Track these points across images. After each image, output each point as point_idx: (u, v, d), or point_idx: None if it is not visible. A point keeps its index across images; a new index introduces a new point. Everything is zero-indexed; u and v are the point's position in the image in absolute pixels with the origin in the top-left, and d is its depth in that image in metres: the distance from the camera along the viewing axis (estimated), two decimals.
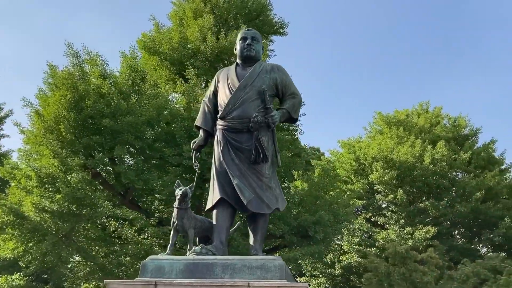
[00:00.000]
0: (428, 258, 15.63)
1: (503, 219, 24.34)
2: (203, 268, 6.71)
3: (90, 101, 13.39)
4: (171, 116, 14.10)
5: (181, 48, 17.65)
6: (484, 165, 29.09)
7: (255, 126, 7.81)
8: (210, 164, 13.40)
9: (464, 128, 31.86)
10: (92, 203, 12.64)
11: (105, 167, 13.48)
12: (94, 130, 13.74)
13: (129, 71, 14.86)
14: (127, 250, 13.22)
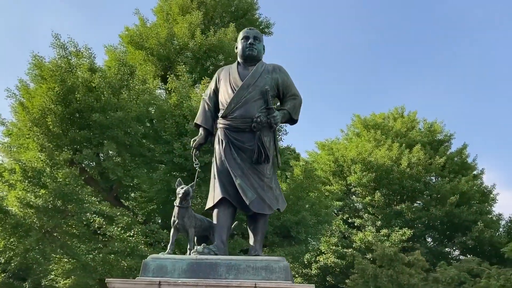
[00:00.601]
0: (415, 260, 15.95)
1: (476, 223, 25.02)
2: (206, 268, 6.67)
3: (79, 95, 13.06)
4: (160, 113, 13.91)
5: (168, 43, 17.45)
6: (457, 170, 29.84)
7: (258, 126, 7.80)
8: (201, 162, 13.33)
9: (439, 133, 32.61)
10: (78, 199, 12.35)
11: (91, 163, 13.16)
12: (82, 124, 13.42)
13: (118, 65, 14.58)
14: (113, 247, 12.98)
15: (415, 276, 14.77)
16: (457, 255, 27.17)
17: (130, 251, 12.81)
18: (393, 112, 34.68)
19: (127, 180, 13.40)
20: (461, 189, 26.55)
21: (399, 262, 15.60)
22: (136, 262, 12.91)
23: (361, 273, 15.91)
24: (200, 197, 13.52)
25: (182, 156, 13.10)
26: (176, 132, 13.55)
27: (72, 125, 13.43)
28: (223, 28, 18.58)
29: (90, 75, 13.62)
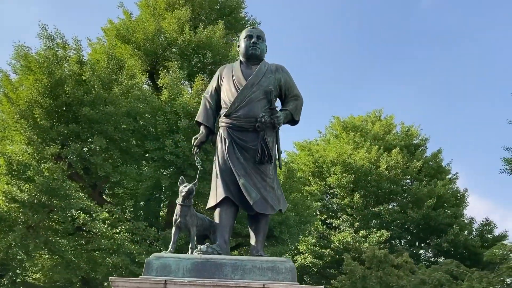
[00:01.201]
0: (403, 262, 16.21)
1: (452, 227, 25.61)
2: (211, 267, 6.60)
3: (69, 87, 12.70)
4: (151, 109, 13.67)
5: (156, 39, 17.19)
6: (433, 173, 30.50)
7: (262, 126, 7.78)
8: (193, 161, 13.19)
9: (416, 137, 33.25)
10: (65, 194, 12.00)
11: (79, 158, 12.82)
12: (70, 118, 13.07)
13: (107, 59, 14.26)
14: (99, 244, 12.69)
15: (404, 278, 15.03)
16: (429, 257, 27.75)
17: (116, 248, 12.55)
18: (371, 115, 35.18)
19: (115, 176, 13.13)
20: (437, 192, 27.13)
21: (388, 264, 15.84)
22: (122, 260, 12.67)
23: (349, 274, 16.09)
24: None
25: (173, 153, 12.92)
26: (167, 129, 13.35)
27: (59, 118, 13.06)
28: (211, 26, 18.44)
29: (78, 68, 13.26)
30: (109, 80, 13.40)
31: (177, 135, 12.97)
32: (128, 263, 12.80)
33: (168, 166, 13.51)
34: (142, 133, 13.68)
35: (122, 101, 12.97)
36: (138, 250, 12.61)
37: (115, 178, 13.11)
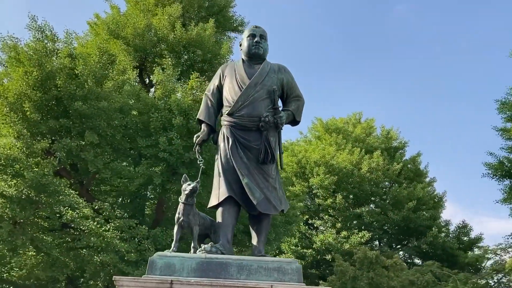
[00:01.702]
0: (394, 264, 16.43)
1: (431, 229, 26.08)
2: (217, 267, 6.55)
3: (61, 81, 12.38)
4: (144, 105, 13.47)
5: (146, 34, 16.95)
6: (412, 176, 30.99)
7: (265, 126, 7.76)
8: (186, 159, 13.08)
9: (395, 140, 33.75)
10: (54, 190, 11.71)
11: (69, 153, 12.50)
12: (61, 112, 12.75)
13: (99, 53, 13.97)
14: (88, 242, 12.43)
15: (394, 279, 15.26)
16: (406, 258, 28.22)
17: (105, 246, 12.31)
18: (352, 117, 35.54)
19: (106, 173, 12.89)
20: (417, 195, 27.58)
21: (380, 265, 16.05)
22: (111, 258, 12.45)
23: (340, 274, 16.22)
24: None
25: (166, 151, 12.76)
26: (160, 126, 13.18)
27: (49, 112, 12.73)
28: (201, 23, 18.31)
29: (69, 62, 12.95)
30: (100, 75, 13.13)
31: (170, 133, 12.82)
32: (117, 261, 12.59)
33: (160, 164, 13.33)
34: (134, 130, 13.46)
35: (115, 97, 12.73)
36: (127, 248, 12.42)
37: (106, 174, 12.87)
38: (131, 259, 12.56)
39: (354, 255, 17.39)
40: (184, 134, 13.02)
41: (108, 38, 16.20)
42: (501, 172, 18.47)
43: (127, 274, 12.48)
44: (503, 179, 18.84)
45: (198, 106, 13.58)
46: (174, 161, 12.82)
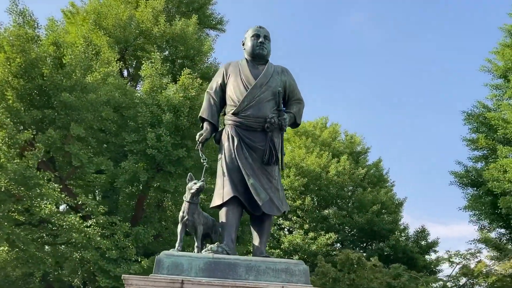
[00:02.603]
0: (373, 266, 16.76)
1: (393, 232, 26.85)
2: (225, 267, 6.54)
3: (47, 70, 11.86)
4: (130, 99, 13.11)
5: (128, 27, 16.52)
6: (375, 181, 31.81)
7: (271, 127, 7.81)
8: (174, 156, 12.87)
9: (358, 145, 34.60)
10: (36, 183, 11.18)
11: (53, 145, 11.99)
12: (44, 102, 12.20)
13: (85, 43, 13.47)
14: (69, 238, 11.98)
15: (374, 281, 15.62)
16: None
17: (86, 242, 11.89)
18: (319, 121, 36.14)
19: (90, 168, 12.48)
20: (381, 199, 28.33)
21: (361, 267, 16.36)
22: (93, 255, 12.06)
23: (321, 275, 16.42)
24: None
25: (154, 147, 12.49)
26: (148, 122, 12.88)
27: (32, 102, 12.17)
28: (183, 19, 18.05)
29: (54, 50, 12.42)
30: (86, 66, 12.66)
31: (159, 129, 12.56)
32: (98, 259, 12.22)
33: (146, 160, 13.05)
34: (119, 125, 13.10)
35: (103, 89, 12.34)
36: (108, 245, 12.06)
37: (90, 169, 12.47)
38: (113, 256, 12.24)
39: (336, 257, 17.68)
40: (172, 131, 12.81)
41: (93, 28, 15.66)
42: (466, 181, 19.28)
43: (108, 271, 12.19)
44: (467, 187, 19.69)
45: (189, 104, 13.51)
46: (162, 158, 12.59)
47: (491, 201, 18.06)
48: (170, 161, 12.75)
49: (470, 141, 19.78)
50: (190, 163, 13.11)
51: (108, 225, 12.48)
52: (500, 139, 17.89)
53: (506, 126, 16.62)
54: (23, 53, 11.73)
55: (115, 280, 12.29)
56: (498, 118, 17.21)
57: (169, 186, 13.05)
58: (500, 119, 17.20)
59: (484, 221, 20.21)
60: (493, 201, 18.05)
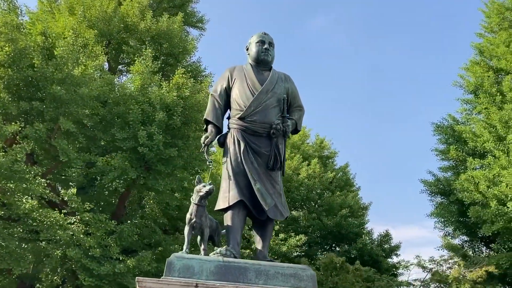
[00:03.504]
0: (354, 270, 17.12)
1: (360, 236, 27.57)
2: (235, 271, 6.68)
3: (38, 61, 11.47)
4: (121, 95, 12.87)
5: (114, 20, 16.18)
6: (342, 185, 32.53)
7: (276, 133, 8.01)
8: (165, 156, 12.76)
9: (327, 149, 35.27)
10: (21, 177, 10.78)
11: (38, 139, 11.59)
12: (32, 94, 11.79)
13: (74, 35, 13.10)
14: (52, 235, 11.63)
15: (356, 284, 15.99)
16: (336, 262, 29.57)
17: (69, 239, 11.59)
18: None
19: (78, 164, 12.18)
20: (348, 203, 29.02)
21: (344, 270, 16.69)
22: (76, 253, 11.79)
23: None
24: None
25: (145, 145, 12.32)
26: (139, 120, 12.68)
27: (18, 93, 11.73)
28: (167, 15, 17.86)
29: (43, 41, 12.00)
30: (75, 59, 12.32)
31: (150, 127, 12.41)
32: (81, 257, 11.94)
33: (135, 158, 12.88)
34: (108, 120, 12.85)
35: (94, 84, 12.06)
36: (92, 243, 11.81)
37: (78, 165, 12.19)
38: (96, 255, 12.01)
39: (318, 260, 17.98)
40: (163, 130, 12.70)
41: (82, 20, 15.23)
42: (436, 189, 20.11)
43: (91, 270, 11.95)
44: (436, 196, 20.54)
45: (182, 103, 13.44)
46: (152, 157, 12.47)
47: (458, 209, 18.91)
48: (160, 159, 12.67)
49: (440, 152, 20.61)
50: (180, 162, 13.09)
51: (93, 222, 12.24)
52: (469, 151, 18.77)
53: (476, 139, 17.47)
54: (11, 41, 11.32)
55: (99, 279, 12.09)
56: (469, 132, 18.07)
57: (158, 184, 12.95)
58: (470, 132, 18.06)
59: (449, 227, 21.13)
60: (460, 210, 18.92)
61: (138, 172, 12.61)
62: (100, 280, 12.12)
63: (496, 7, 22.95)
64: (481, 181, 15.99)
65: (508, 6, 22.37)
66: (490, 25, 23.38)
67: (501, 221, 14.74)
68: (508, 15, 22.19)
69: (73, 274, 12.81)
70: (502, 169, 15.14)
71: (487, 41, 22.45)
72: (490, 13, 23.47)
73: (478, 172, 16.51)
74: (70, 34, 12.94)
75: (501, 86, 18.54)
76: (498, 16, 22.72)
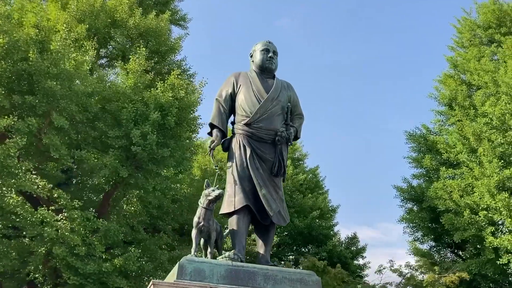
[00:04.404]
0: (336, 273, 17.43)
1: (329, 238, 28.15)
2: (244, 275, 6.89)
3: (33, 55, 11.12)
4: (114, 93, 12.65)
5: (102, 14, 15.86)
6: (313, 187, 33.10)
7: (281, 140, 8.28)
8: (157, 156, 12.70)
9: (298, 151, 35.80)
10: (11, 172, 10.46)
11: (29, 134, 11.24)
12: (23, 87, 11.43)
13: (67, 29, 12.77)
14: (39, 232, 11.32)
15: (337, 287, 16.33)
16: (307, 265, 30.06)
17: (56, 237, 11.32)
18: None
19: (68, 161, 11.90)
20: (319, 205, 29.57)
21: (326, 274, 17.00)
22: (63, 251, 11.54)
23: None
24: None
25: (138, 144, 12.18)
26: (132, 118, 12.52)
27: (10, 86, 11.35)
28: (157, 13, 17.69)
29: (36, 34, 11.64)
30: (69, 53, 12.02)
31: (144, 126, 12.28)
32: (66, 254, 11.71)
33: (126, 156, 12.72)
34: (99, 117, 12.61)
35: (91, 80, 11.84)
36: (77, 241, 11.59)
37: (68, 162, 11.93)
38: (82, 253, 11.81)
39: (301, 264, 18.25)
40: (156, 129, 12.61)
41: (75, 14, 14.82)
42: (408, 196, 20.85)
43: (76, 268, 11.74)
44: (408, 202, 21.28)
45: (178, 104, 13.41)
46: (145, 156, 12.38)
47: (429, 216, 19.68)
48: (151, 159, 12.60)
49: (413, 160, 21.38)
50: (172, 163, 13.08)
51: (80, 220, 12.01)
52: (442, 161, 19.55)
53: (450, 150, 18.23)
54: (5, 33, 10.94)
55: (83, 278, 11.90)
56: (443, 142, 18.84)
57: (147, 184, 12.88)
58: (444, 143, 18.83)
59: (418, 233, 21.92)
60: (431, 217, 19.69)
61: (129, 171, 12.50)
62: (84, 278, 11.95)
63: (469, 24, 23.98)
64: (454, 190, 16.73)
65: (479, 24, 23.42)
66: (461, 40, 24.40)
67: (473, 229, 15.50)
68: (479, 32, 23.23)
69: (54, 272, 12.56)
70: (476, 180, 15.89)
71: (458, 54, 23.43)
72: (462, 29, 24.50)
73: (452, 181, 17.25)
74: (63, 28, 12.66)
75: (472, 100, 19.39)
76: (469, 32, 23.75)
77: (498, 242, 14.17)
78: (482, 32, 22.71)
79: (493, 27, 22.34)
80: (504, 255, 14.58)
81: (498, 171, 15.22)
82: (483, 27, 22.75)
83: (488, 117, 17.24)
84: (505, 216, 14.47)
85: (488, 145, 16.03)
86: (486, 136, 16.74)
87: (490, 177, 15.19)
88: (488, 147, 16.06)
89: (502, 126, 16.72)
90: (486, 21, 22.63)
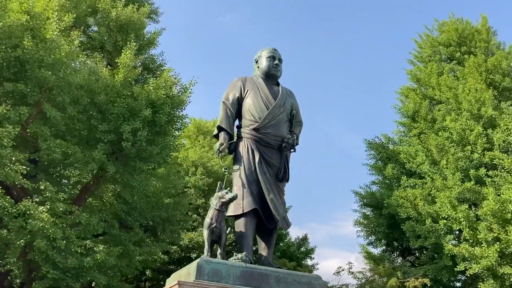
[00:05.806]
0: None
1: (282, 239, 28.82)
2: (258, 277, 7.22)
3: (28, 43, 10.57)
4: (103, 86, 12.27)
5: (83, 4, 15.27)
6: None
7: (287, 147, 8.70)
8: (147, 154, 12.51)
9: None
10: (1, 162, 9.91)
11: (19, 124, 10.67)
12: (16, 75, 10.84)
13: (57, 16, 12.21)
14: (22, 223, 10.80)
15: None
16: None
17: (38, 230, 10.86)
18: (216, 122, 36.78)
19: (58, 154, 11.42)
20: None
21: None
22: (45, 244, 11.10)
23: None
24: None
25: (128, 140, 11.93)
26: (123, 113, 12.20)
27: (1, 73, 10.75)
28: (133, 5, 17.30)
29: (28, 21, 11.05)
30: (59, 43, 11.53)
31: (134, 122, 12.05)
32: (47, 248, 11.27)
33: (113, 152, 12.42)
34: (87, 110, 12.20)
35: (84, 72, 11.44)
36: (58, 234, 11.19)
37: (57, 155, 11.48)
38: (62, 246, 11.44)
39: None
40: (147, 126, 12.42)
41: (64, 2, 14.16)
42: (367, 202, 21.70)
43: (56, 263, 11.35)
44: (367, 207, 22.17)
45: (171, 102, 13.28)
46: (133, 153, 12.17)
47: (387, 222, 20.61)
48: (138, 155, 12.41)
49: (373, 167, 22.26)
50: (160, 160, 12.99)
51: (65, 213, 11.63)
52: (402, 170, 20.53)
53: (412, 160, 19.20)
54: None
55: (62, 272, 11.54)
56: (405, 152, 19.79)
57: (133, 180, 12.69)
58: (406, 153, 19.78)
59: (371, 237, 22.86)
60: (388, 223, 20.64)
61: (116, 166, 12.27)
62: (63, 273, 11.60)
63: (430, 40, 25.20)
64: (417, 198, 17.66)
65: (440, 41, 24.67)
66: (421, 55, 25.60)
67: (433, 237, 16.45)
68: (440, 49, 24.47)
69: (28, 266, 12.04)
70: (437, 191, 16.85)
71: (417, 69, 24.56)
72: (423, 44, 25.71)
73: (415, 190, 18.18)
74: (54, 17, 12.17)
75: (434, 115, 20.48)
76: (430, 48, 24.97)
77: (457, 251, 15.14)
78: (443, 49, 23.90)
79: (454, 45, 23.60)
80: (461, 262, 15.60)
81: (460, 183, 16.24)
82: (444, 44, 23.96)
83: (449, 131, 18.29)
84: (464, 226, 15.48)
85: (452, 158, 17.03)
86: (447, 150, 17.74)
87: (452, 189, 16.19)
88: (452, 160, 17.07)
89: (462, 141, 17.83)
90: (447, 40, 23.86)
